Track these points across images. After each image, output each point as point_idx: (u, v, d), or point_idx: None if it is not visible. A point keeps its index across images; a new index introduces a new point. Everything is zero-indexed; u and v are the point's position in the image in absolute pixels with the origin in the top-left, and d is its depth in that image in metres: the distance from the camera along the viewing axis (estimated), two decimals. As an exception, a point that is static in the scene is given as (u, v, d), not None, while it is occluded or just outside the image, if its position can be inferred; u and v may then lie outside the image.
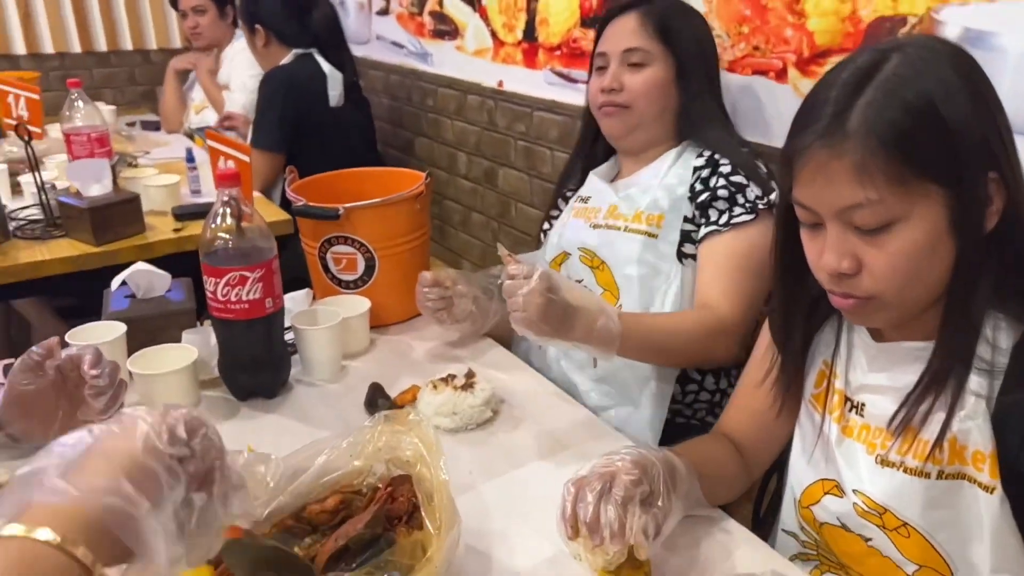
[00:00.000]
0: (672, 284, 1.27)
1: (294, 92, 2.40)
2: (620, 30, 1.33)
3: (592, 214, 1.36)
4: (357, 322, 1.35)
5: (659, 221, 1.28)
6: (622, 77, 1.31)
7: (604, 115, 1.35)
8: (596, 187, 1.40)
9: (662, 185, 1.30)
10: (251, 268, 1.11)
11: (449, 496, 0.77)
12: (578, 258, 1.35)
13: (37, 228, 1.93)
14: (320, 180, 1.53)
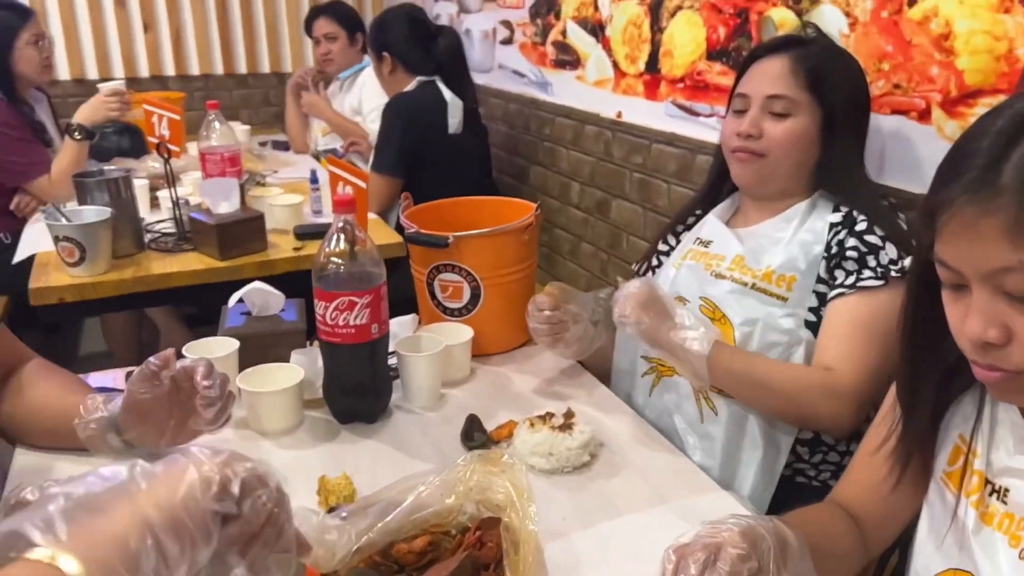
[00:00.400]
0: (797, 350, 1.20)
1: (415, 119, 2.46)
2: (766, 73, 1.24)
3: (715, 262, 1.29)
4: (459, 351, 1.34)
5: (791, 283, 1.20)
6: (762, 124, 1.23)
7: (737, 160, 1.27)
8: (718, 231, 1.32)
9: (796, 241, 1.23)
10: (360, 294, 1.13)
11: (537, 547, 0.74)
12: (698, 307, 1.28)
13: (169, 241, 2.05)
14: (434, 207, 1.54)
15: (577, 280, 2.64)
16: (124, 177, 1.96)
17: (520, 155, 2.93)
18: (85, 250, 1.81)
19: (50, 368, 1.17)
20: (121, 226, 1.92)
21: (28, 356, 1.17)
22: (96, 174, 1.97)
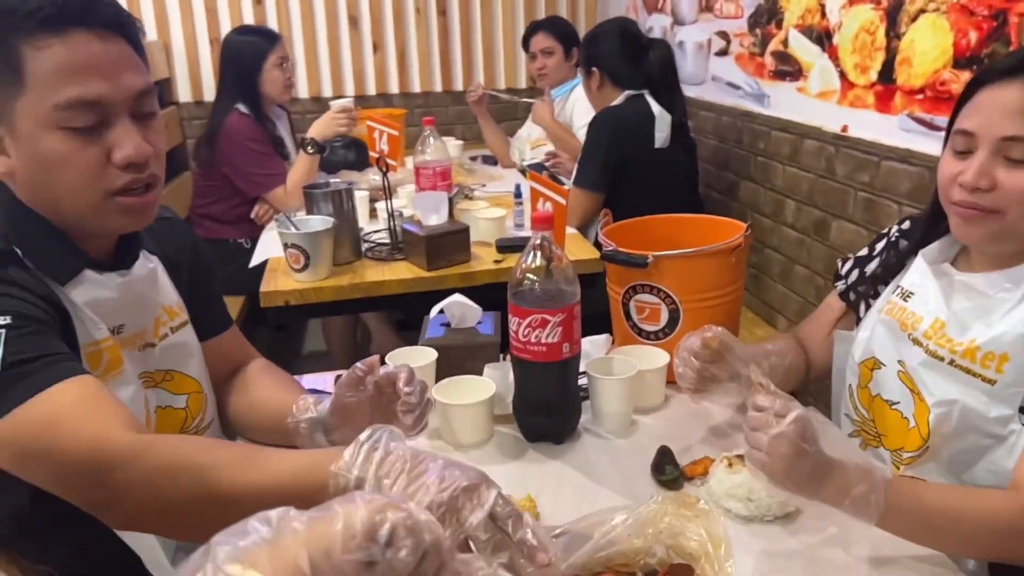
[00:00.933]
0: (1004, 447, 1.00)
1: (620, 134, 2.42)
2: (1000, 105, 0.98)
3: (912, 322, 1.11)
4: (653, 376, 1.28)
5: (1002, 363, 1.00)
6: (994, 173, 0.98)
7: (958, 215, 1.04)
8: (922, 282, 1.13)
9: (1021, 311, 1.00)
10: (553, 312, 1.11)
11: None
12: (896, 373, 1.11)
13: (383, 250, 2.16)
14: (634, 224, 1.49)
15: (788, 305, 2.46)
16: (347, 189, 2.10)
17: (730, 170, 2.80)
18: (309, 257, 1.95)
19: (271, 368, 1.26)
20: (342, 235, 2.05)
21: (254, 355, 1.28)
22: (323, 186, 2.12)
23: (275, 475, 0.77)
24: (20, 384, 0.81)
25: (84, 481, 0.80)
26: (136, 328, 1.05)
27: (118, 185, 0.93)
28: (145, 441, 0.81)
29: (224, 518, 0.80)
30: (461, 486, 0.68)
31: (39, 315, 0.88)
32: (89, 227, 0.97)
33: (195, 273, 1.20)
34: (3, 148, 0.92)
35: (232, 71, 2.79)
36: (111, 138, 0.92)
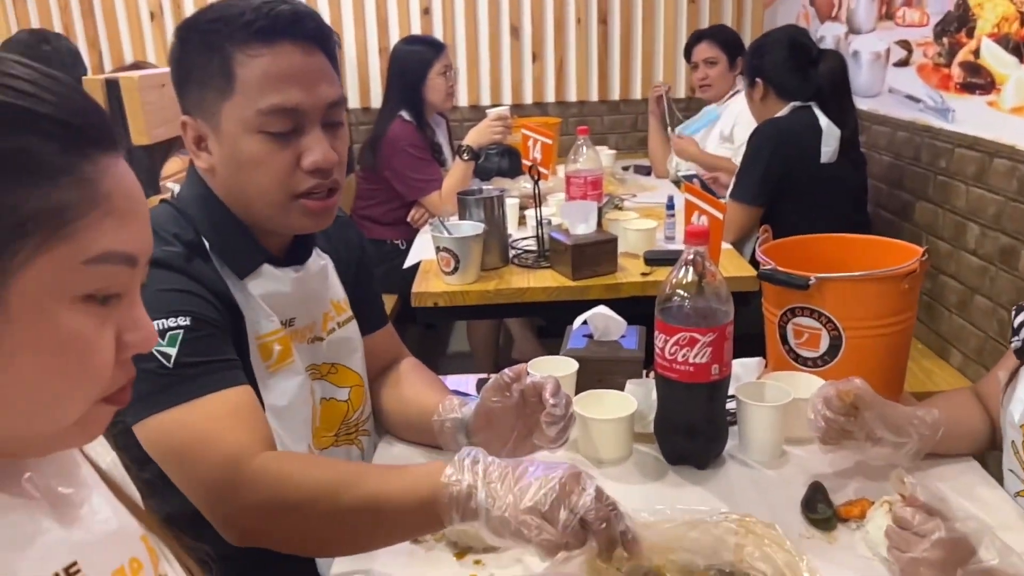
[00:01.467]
0: None
1: (784, 146, 2.31)
2: None
3: None
4: (809, 406, 1.19)
5: None
6: None
7: None
8: None
9: None
10: (703, 331, 1.06)
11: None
12: None
13: (530, 258, 2.17)
14: (795, 243, 1.41)
15: (964, 339, 2.25)
16: (498, 196, 2.12)
17: (905, 189, 2.60)
18: (459, 261, 1.98)
19: (421, 367, 1.29)
20: (491, 241, 2.08)
21: (405, 354, 1.32)
22: (475, 192, 2.16)
23: (391, 489, 0.84)
24: (183, 387, 0.88)
25: (215, 496, 0.86)
26: (306, 321, 1.10)
27: (303, 188, 0.99)
28: (276, 463, 0.86)
29: (346, 537, 0.86)
30: (566, 475, 0.78)
31: (214, 318, 0.94)
32: (272, 225, 1.04)
33: (360, 272, 1.25)
34: (207, 146, 1.00)
35: (398, 79, 2.91)
36: (302, 144, 0.98)
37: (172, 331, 0.89)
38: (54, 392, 0.52)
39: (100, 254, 0.52)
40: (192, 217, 1.01)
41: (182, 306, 0.92)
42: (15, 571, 0.51)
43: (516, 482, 0.78)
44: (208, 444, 0.86)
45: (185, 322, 0.90)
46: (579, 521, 0.75)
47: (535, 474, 0.78)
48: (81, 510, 0.58)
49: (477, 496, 0.79)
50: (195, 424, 0.87)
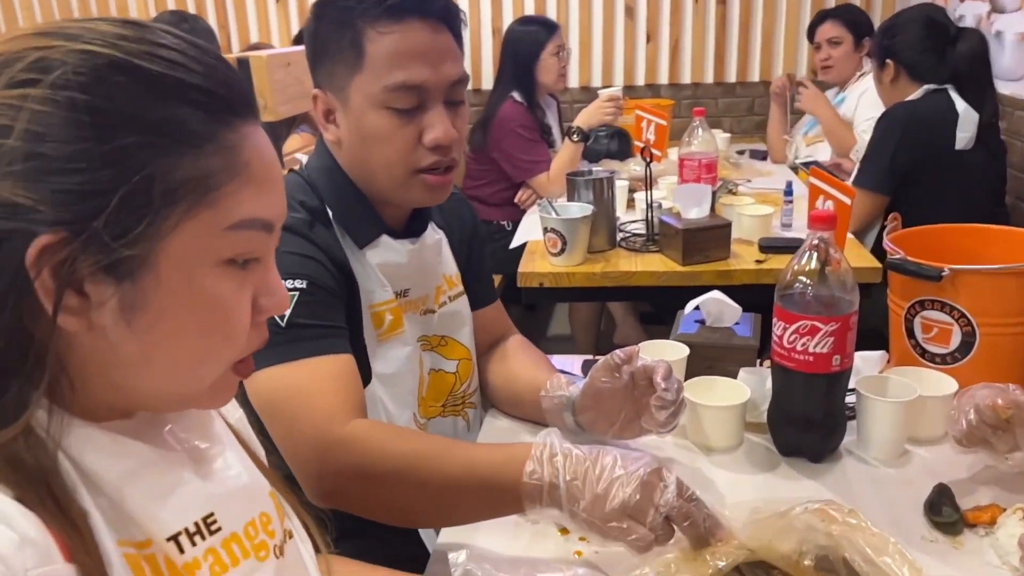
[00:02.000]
0: None
1: (914, 131, 2.18)
2: None
3: None
4: (935, 405, 1.13)
5: None
6: None
7: None
8: None
9: None
10: (826, 320, 1.02)
11: None
12: None
13: (638, 241, 2.14)
14: (926, 232, 1.33)
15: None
16: (608, 178, 2.10)
17: (1048, 180, 2.41)
18: (566, 242, 1.98)
19: (528, 345, 1.31)
20: (599, 223, 2.06)
21: (513, 331, 1.34)
22: (585, 174, 2.14)
23: (474, 468, 0.85)
24: (292, 346, 0.92)
25: (305, 453, 0.89)
26: (420, 293, 1.13)
27: (424, 164, 1.02)
28: (365, 431, 0.88)
29: (428, 510, 0.88)
30: (647, 472, 0.78)
31: (330, 285, 0.98)
32: (392, 198, 1.07)
33: (472, 248, 1.27)
34: (335, 119, 1.04)
35: (511, 59, 2.91)
36: (425, 121, 1.01)
37: (289, 292, 0.93)
38: (197, 352, 0.56)
39: (241, 220, 0.54)
40: (318, 186, 1.05)
41: (301, 269, 0.96)
42: (156, 518, 0.54)
43: (598, 481, 0.79)
44: (304, 403, 0.89)
45: (302, 285, 0.94)
46: (664, 518, 0.77)
47: (616, 471, 0.79)
48: (216, 464, 0.61)
49: (559, 494, 0.80)
50: (296, 383, 0.90)
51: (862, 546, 0.71)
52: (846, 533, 0.72)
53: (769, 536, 0.76)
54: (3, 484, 0.48)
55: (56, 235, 0.48)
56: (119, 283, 0.51)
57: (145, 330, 0.52)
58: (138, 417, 0.58)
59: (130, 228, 0.50)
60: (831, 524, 0.74)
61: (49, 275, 0.49)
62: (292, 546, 0.67)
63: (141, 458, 0.55)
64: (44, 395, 0.50)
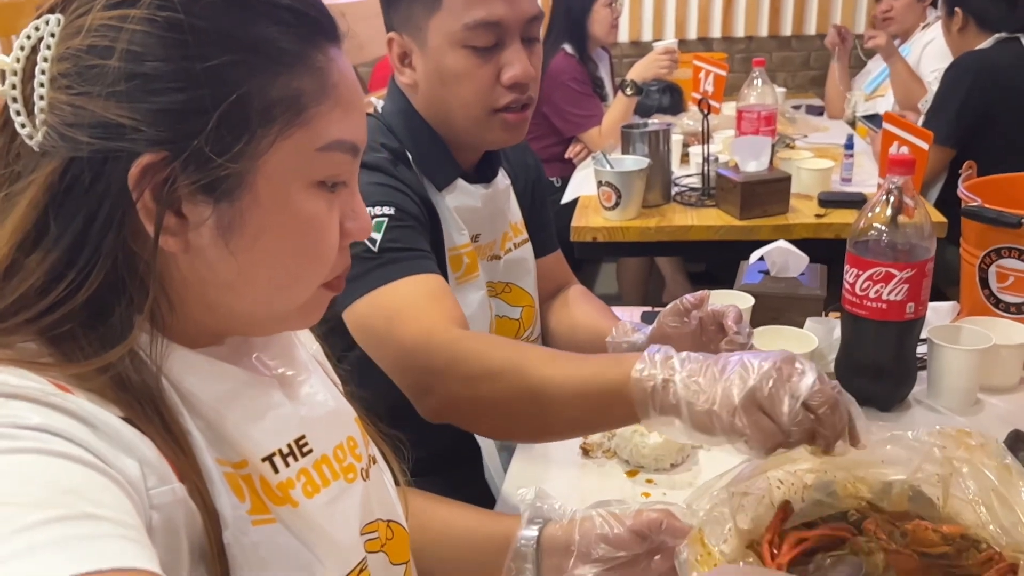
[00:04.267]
0: None
1: (985, 82, 2.10)
2: None
3: None
4: (1010, 353, 1.11)
5: None
6: None
7: None
8: None
9: None
10: (901, 266, 1.00)
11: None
12: None
13: (693, 196, 2.11)
14: (1002, 181, 1.30)
15: None
16: (664, 131, 2.07)
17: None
18: (621, 196, 1.96)
19: (589, 294, 1.31)
20: (654, 176, 2.04)
21: (574, 281, 1.34)
22: (640, 126, 2.11)
23: (581, 370, 0.79)
24: (385, 269, 0.92)
25: (411, 367, 0.87)
26: (489, 239, 1.14)
27: (502, 103, 1.02)
28: (468, 336, 0.87)
29: (533, 413, 0.82)
30: (780, 360, 0.69)
31: (416, 213, 0.99)
32: (470, 139, 1.07)
33: (536, 195, 1.27)
34: (411, 62, 1.04)
35: (563, 10, 2.87)
36: (503, 59, 1.00)
37: (378, 218, 0.94)
38: (290, 272, 0.57)
39: (331, 142, 0.55)
40: (395, 130, 1.06)
41: (388, 197, 0.97)
42: (252, 439, 0.55)
43: (721, 373, 0.70)
44: (406, 317, 0.88)
45: (390, 211, 0.95)
46: (803, 407, 0.67)
47: (742, 364, 0.70)
48: (303, 390, 0.63)
49: (676, 390, 0.71)
50: (395, 302, 0.90)
51: (987, 481, 0.67)
52: (972, 462, 0.68)
53: (870, 462, 0.73)
54: (114, 404, 0.49)
55: (157, 154, 0.49)
56: (217, 203, 0.52)
57: (242, 251, 0.53)
58: (228, 343, 0.60)
59: (228, 147, 0.50)
60: (960, 448, 0.69)
61: (150, 195, 0.50)
62: (376, 471, 0.69)
63: (236, 381, 0.57)
64: (147, 319, 0.52)
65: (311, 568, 0.56)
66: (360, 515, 0.63)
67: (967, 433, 0.71)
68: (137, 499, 0.46)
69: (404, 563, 0.69)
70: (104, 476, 0.45)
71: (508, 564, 0.74)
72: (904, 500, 0.75)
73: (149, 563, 0.42)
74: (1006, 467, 0.68)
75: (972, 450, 0.70)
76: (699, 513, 0.72)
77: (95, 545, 0.40)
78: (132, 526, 0.43)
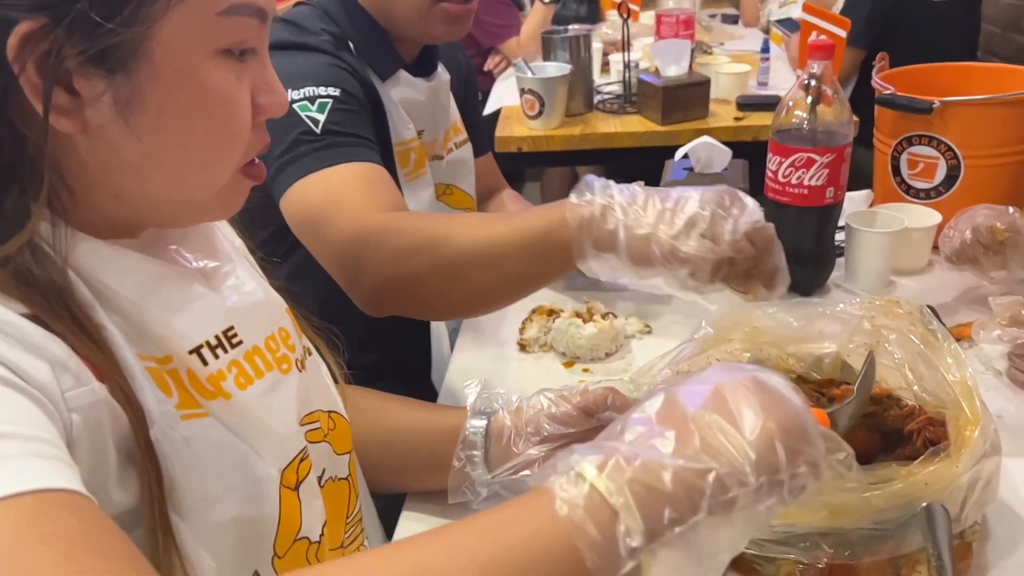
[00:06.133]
0: None
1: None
2: None
3: None
4: (921, 236, 1.17)
5: None
6: None
7: None
8: None
9: None
10: (821, 151, 1.03)
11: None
12: None
13: (615, 103, 2.11)
14: (913, 71, 1.33)
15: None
16: (585, 36, 2.04)
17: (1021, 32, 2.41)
18: (544, 103, 1.94)
19: (520, 198, 1.32)
20: (576, 84, 2.02)
21: (505, 185, 1.34)
22: (561, 31, 2.08)
23: (511, 224, 0.77)
24: (327, 152, 0.88)
25: (343, 254, 0.84)
26: (432, 136, 1.11)
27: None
28: (394, 220, 0.83)
29: (461, 286, 0.79)
30: (725, 190, 0.69)
31: (362, 99, 0.95)
32: (411, 32, 1.03)
33: (468, 93, 1.24)
34: None
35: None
36: None
37: (322, 99, 0.90)
38: (202, 152, 0.53)
39: (233, 4, 0.51)
40: (335, 17, 1.01)
41: (334, 78, 0.93)
42: (176, 332, 0.53)
43: (663, 201, 0.69)
44: (340, 205, 0.85)
45: (335, 92, 0.91)
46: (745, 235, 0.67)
47: (684, 191, 0.69)
48: (229, 281, 0.61)
49: (615, 214, 0.69)
50: (331, 188, 0.87)
51: (915, 348, 0.70)
52: (902, 329, 0.72)
53: (801, 339, 0.76)
54: (17, 300, 0.46)
55: (36, 21, 0.45)
56: (111, 76, 0.48)
57: (146, 130, 0.50)
58: (143, 237, 0.57)
59: (116, 10, 0.47)
60: (889, 316, 0.73)
61: (34, 69, 0.46)
62: (312, 362, 0.68)
63: (153, 273, 0.54)
64: (46, 206, 0.48)
65: (249, 460, 0.55)
66: (298, 406, 0.62)
67: (895, 302, 0.75)
68: (51, 406, 0.44)
69: (347, 452, 0.69)
70: (10, 388, 0.42)
71: (457, 453, 0.75)
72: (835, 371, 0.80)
73: (68, 481, 0.40)
74: (931, 332, 0.72)
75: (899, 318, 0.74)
76: (643, 387, 0.75)
77: (6, 466, 0.38)
78: (46, 440, 0.41)
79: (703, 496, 0.41)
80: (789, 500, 0.44)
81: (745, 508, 0.42)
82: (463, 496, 0.74)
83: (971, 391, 0.66)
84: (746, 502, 0.42)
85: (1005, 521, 0.74)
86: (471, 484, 0.74)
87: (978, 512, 0.66)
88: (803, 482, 0.44)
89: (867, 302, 0.75)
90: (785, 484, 0.43)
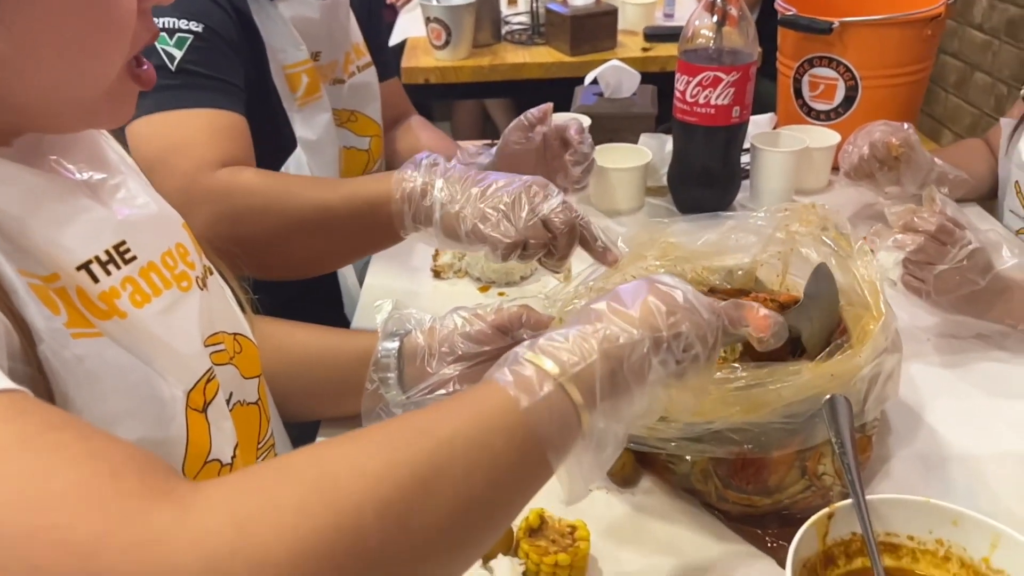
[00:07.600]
0: None
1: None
2: None
3: None
4: (821, 156, 1.20)
5: None
6: None
7: None
8: None
9: None
10: (727, 69, 1.03)
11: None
12: None
13: (524, 34, 2.08)
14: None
15: (958, 119, 2.25)
16: (490, -37, 1.99)
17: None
18: (451, 32, 1.89)
19: (429, 124, 1.28)
20: (483, 14, 1.98)
21: (412, 111, 1.30)
22: (466, -40, 2.02)
23: (342, 189, 0.81)
24: (178, 92, 0.83)
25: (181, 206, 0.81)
26: (330, 58, 1.05)
27: None
28: (228, 181, 0.81)
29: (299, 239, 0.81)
30: (534, 181, 0.76)
31: (230, 37, 0.88)
32: None
33: (373, 14, 1.19)
34: None
35: None
36: None
37: (182, 33, 0.84)
38: (82, 44, 0.48)
39: None
40: None
41: (199, 11, 0.86)
42: (61, 247, 0.49)
43: (477, 183, 0.76)
44: (179, 154, 0.81)
45: (197, 28, 0.85)
46: (542, 222, 0.74)
47: (499, 178, 0.77)
48: (119, 194, 0.56)
49: (433, 193, 0.77)
50: (174, 133, 0.82)
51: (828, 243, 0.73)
52: (815, 232, 0.75)
53: (715, 253, 0.78)
54: None
55: None
56: None
57: (14, 18, 0.45)
58: (17, 145, 0.51)
59: None
60: (802, 220, 0.76)
61: None
62: (214, 282, 0.64)
63: (32, 184, 0.49)
64: None
65: (151, 381, 0.52)
66: (200, 325, 0.58)
67: (811, 207, 0.77)
68: None
69: (255, 377, 0.67)
70: None
71: (370, 375, 0.73)
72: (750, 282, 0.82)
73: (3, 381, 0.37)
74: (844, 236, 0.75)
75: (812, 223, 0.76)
76: (558, 303, 0.74)
77: None
78: None
79: (598, 340, 0.48)
80: (687, 367, 0.51)
81: (637, 362, 0.49)
82: (377, 418, 0.73)
83: (878, 290, 0.68)
84: (636, 355, 0.49)
85: (901, 417, 0.78)
86: (385, 406, 0.73)
87: (878, 407, 0.70)
88: (690, 343, 0.51)
89: (786, 208, 0.76)
90: (667, 342, 0.50)
